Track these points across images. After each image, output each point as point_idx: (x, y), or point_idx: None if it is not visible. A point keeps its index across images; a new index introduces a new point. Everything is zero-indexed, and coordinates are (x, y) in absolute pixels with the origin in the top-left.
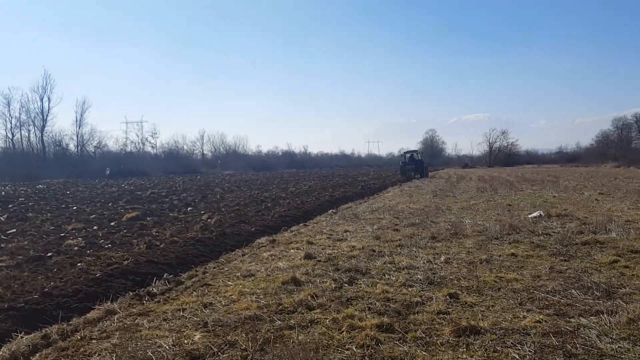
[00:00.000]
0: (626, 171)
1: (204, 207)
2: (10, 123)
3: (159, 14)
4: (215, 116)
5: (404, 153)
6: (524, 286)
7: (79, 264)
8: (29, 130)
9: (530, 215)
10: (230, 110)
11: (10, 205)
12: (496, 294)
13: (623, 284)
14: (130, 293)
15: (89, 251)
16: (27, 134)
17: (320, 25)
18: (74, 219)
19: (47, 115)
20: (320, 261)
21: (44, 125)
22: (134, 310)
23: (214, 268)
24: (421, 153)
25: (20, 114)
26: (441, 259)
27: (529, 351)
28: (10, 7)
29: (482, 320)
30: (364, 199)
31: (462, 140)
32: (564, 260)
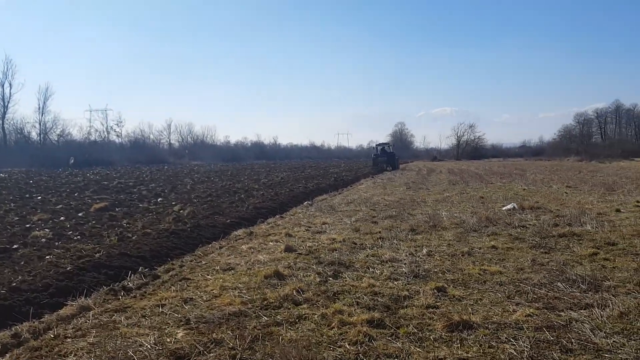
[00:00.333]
0: (588, 165)
1: (175, 198)
2: None
3: (124, 0)
4: (183, 105)
5: (376, 145)
6: (509, 279)
7: (47, 257)
8: None
9: (504, 208)
10: (198, 99)
11: None
12: (482, 287)
13: (607, 276)
14: (105, 288)
15: (57, 243)
16: None
17: (290, 15)
18: (39, 209)
19: (8, 102)
20: (302, 254)
21: (4, 112)
22: (109, 306)
23: (191, 261)
24: (392, 146)
25: None
26: (423, 252)
27: (525, 346)
28: None
29: (473, 314)
30: (338, 190)
31: (430, 133)
32: (545, 252)
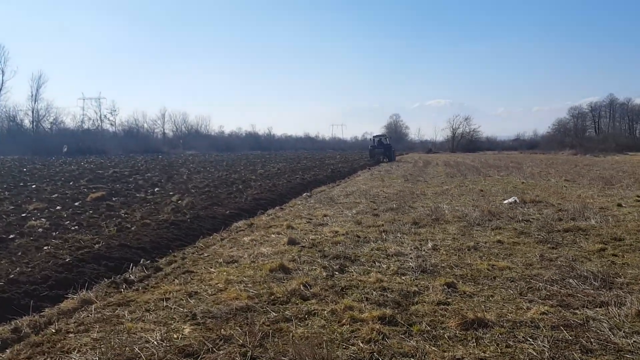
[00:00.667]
0: (584, 159)
1: (172, 188)
2: None
3: None
4: (177, 95)
5: (373, 137)
6: (519, 275)
7: (45, 248)
8: None
9: (506, 201)
10: (193, 89)
11: None
12: (493, 283)
13: (618, 273)
14: (106, 280)
15: (54, 233)
16: None
17: (285, 6)
18: (34, 198)
19: (1, 89)
20: (305, 247)
21: None
22: (111, 299)
23: (193, 253)
24: (389, 137)
25: None
26: (428, 246)
27: (544, 346)
28: None
29: (487, 312)
30: (336, 182)
31: (425, 125)
32: (552, 247)
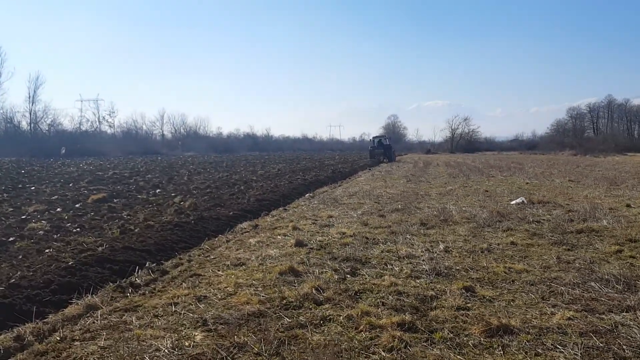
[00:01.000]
0: (584, 159)
1: (174, 189)
2: None
3: None
4: (176, 96)
5: (373, 138)
6: (538, 278)
7: (47, 251)
8: None
9: (513, 202)
10: (192, 90)
11: None
12: (512, 286)
13: (639, 275)
14: (111, 284)
15: (55, 236)
16: None
17: (282, 8)
18: (34, 200)
19: None
20: (313, 249)
21: None
22: (118, 304)
23: (199, 255)
24: (389, 138)
25: None
26: (440, 248)
27: (575, 354)
28: None
29: (511, 317)
30: (337, 183)
31: (423, 126)
32: (567, 249)
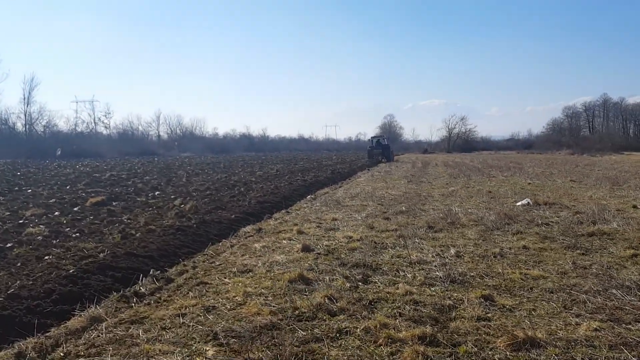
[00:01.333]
0: (582, 159)
1: (173, 192)
2: None
3: None
4: (172, 97)
5: (371, 138)
6: (557, 285)
7: (46, 257)
8: None
9: (519, 203)
10: (187, 91)
11: None
12: (530, 294)
13: None
14: (115, 294)
15: (54, 241)
16: None
17: (279, 8)
18: (30, 203)
19: None
20: (321, 254)
21: None
22: (123, 315)
23: (204, 262)
24: (387, 138)
25: None
26: (451, 252)
27: None
28: None
29: (535, 329)
30: (337, 184)
31: (419, 125)
32: (582, 254)
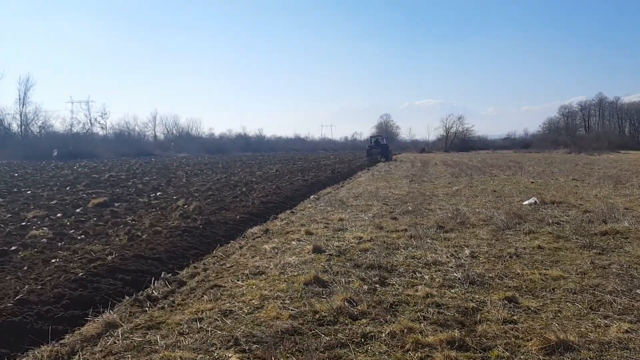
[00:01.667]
0: (580, 157)
1: (175, 192)
2: None
3: None
4: (168, 97)
5: (370, 137)
6: (579, 286)
7: (53, 260)
8: None
9: (526, 202)
10: (184, 91)
11: None
12: (554, 295)
13: None
14: (127, 298)
15: (60, 244)
16: None
17: (275, 9)
18: (32, 205)
19: None
20: (333, 255)
21: None
22: (138, 320)
23: (214, 264)
24: (386, 138)
25: None
26: (466, 253)
27: None
28: None
29: (566, 331)
30: (339, 183)
31: (415, 125)
32: (599, 253)
